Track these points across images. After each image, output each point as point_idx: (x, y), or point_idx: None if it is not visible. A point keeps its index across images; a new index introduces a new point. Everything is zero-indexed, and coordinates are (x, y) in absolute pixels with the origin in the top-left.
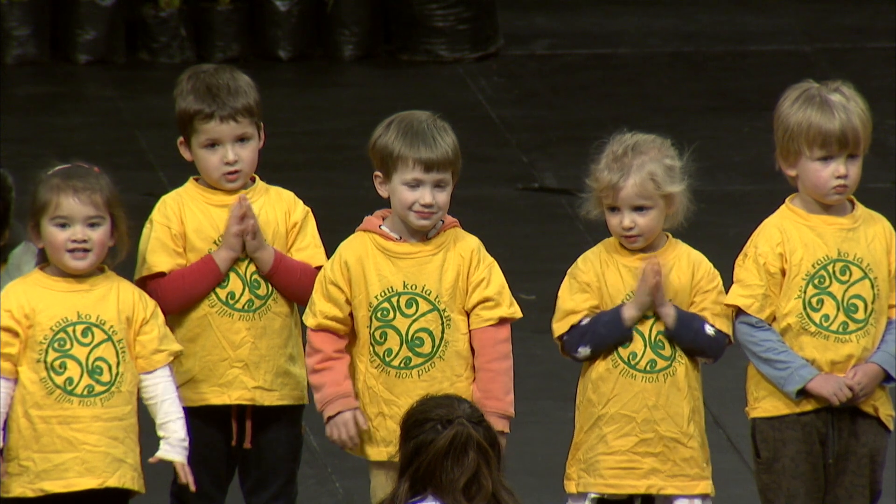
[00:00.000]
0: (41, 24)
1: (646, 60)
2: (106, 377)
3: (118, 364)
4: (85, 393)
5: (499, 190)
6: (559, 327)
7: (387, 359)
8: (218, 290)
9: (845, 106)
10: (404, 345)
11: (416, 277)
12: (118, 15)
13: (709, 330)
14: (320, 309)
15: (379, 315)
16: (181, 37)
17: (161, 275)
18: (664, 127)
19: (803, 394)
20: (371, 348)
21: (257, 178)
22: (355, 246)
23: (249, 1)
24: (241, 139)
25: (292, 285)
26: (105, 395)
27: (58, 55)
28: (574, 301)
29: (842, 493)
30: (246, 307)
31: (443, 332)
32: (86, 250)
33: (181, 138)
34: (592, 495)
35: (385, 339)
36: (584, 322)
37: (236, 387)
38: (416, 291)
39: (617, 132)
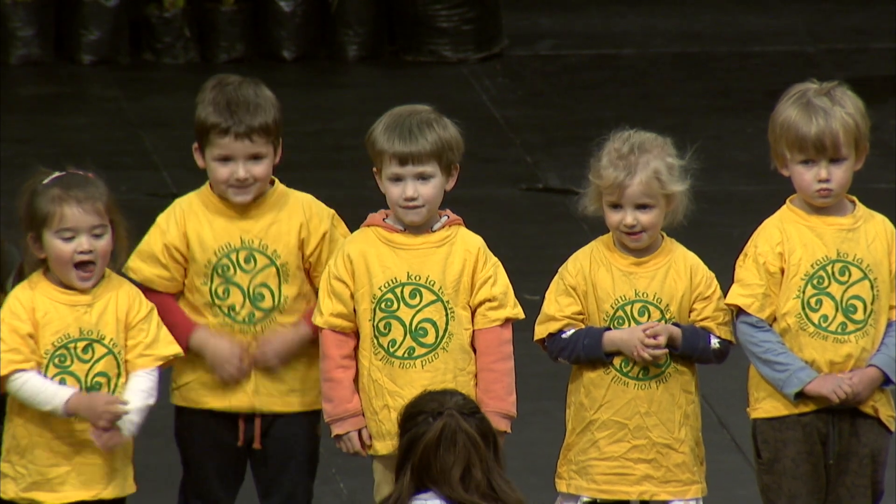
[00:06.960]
0: (45, 24)
1: (650, 61)
2: (103, 392)
3: (118, 376)
4: None
5: (502, 190)
6: (538, 332)
7: (391, 349)
8: (219, 302)
9: (827, 111)
10: (408, 335)
11: (420, 268)
12: (122, 15)
13: (715, 344)
14: (325, 307)
15: (383, 306)
16: (185, 37)
17: (153, 289)
18: (668, 127)
19: (802, 396)
20: (375, 340)
21: (276, 181)
22: (358, 240)
23: (254, 1)
24: (255, 157)
25: None
26: None
27: (62, 55)
28: (557, 305)
29: (843, 494)
30: (246, 320)
31: (447, 324)
32: (92, 263)
33: (196, 144)
34: (584, 499)
35: (389, 330)
36: (566, 335)
37: (237, 393)
38: (420, 282)
39: (617, 129)
